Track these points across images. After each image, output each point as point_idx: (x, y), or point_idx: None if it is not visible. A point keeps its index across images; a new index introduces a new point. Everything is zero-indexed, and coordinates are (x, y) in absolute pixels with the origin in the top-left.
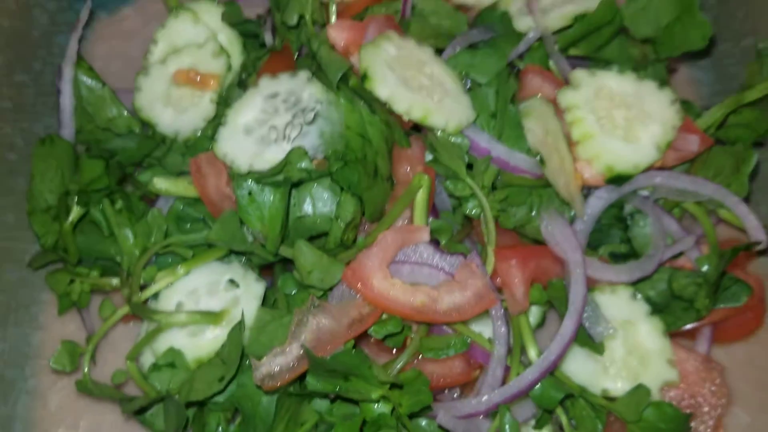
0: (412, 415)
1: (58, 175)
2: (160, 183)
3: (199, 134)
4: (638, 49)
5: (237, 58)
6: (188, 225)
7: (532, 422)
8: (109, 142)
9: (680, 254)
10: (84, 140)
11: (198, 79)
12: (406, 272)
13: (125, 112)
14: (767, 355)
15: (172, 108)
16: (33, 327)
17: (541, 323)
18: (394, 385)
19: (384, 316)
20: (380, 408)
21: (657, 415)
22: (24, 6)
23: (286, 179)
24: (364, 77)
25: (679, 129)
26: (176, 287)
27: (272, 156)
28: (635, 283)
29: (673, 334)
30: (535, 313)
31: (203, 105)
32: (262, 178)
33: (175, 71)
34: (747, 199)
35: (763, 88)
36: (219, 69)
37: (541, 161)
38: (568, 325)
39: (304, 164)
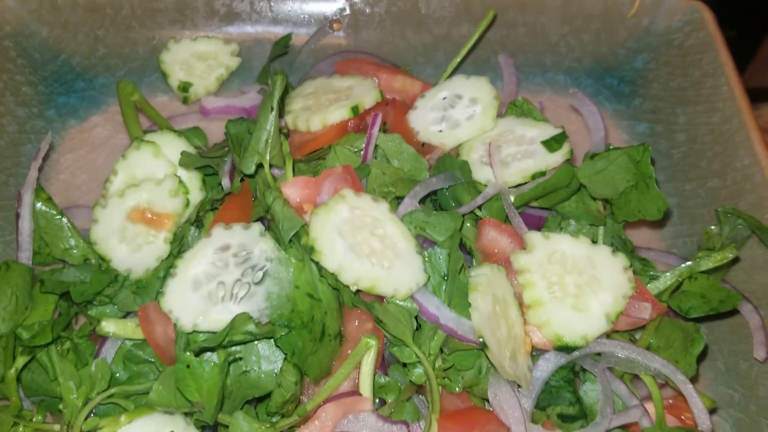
0: None
1: (13, 302)
2: (108, 326)
3: (151, 274)
4: (597, 203)
5: (196, 194)
6: (136, 366)
7: None
8: (63, 273)
9: None
10: (41, 263)
11: (153, 218)
12: None
13: (82, 242)
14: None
15: (126, 244)
16: None
17: None
18: None
19: None
20: None
21: None
22: None
23: (229, 343)
24: (312, 249)
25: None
26: None
27: (217, 316)
28: None
29: None
30: None
31: (157, 244)
32: (205, 343)
33: (131, 209)
34: (695, 379)
35: (718, 258)
36: (175, 208)
37: (484, 345)
38: None
39: (248, 328)
